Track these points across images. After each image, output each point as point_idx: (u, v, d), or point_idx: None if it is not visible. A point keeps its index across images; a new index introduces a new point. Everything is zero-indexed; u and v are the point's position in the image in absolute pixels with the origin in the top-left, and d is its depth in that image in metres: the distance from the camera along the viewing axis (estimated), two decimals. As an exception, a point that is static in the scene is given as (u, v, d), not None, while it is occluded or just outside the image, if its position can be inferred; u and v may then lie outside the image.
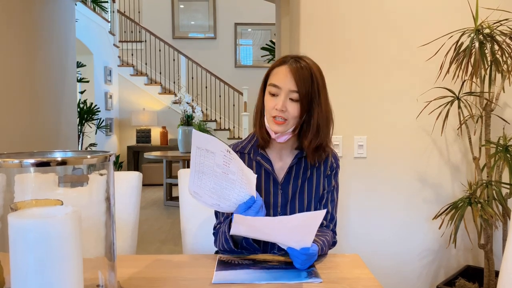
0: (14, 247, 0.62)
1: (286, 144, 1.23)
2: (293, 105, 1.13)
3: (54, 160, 0.69)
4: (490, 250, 1.83)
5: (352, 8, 2.03)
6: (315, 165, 1.25)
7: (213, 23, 8.39)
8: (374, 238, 2.08)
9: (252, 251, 1.18)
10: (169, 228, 4.38)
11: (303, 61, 1.15)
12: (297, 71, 1.12)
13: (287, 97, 1.13)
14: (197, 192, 1.09)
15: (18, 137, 2.83)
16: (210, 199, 1.09)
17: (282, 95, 1.13)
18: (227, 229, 1.16)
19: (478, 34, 1.76)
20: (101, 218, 0.77)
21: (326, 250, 1.18)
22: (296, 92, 1.12)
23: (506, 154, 1.75)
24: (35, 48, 3.09)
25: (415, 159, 2.07)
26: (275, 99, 1.14)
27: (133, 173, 1.51)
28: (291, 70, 1.13)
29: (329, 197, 1.28)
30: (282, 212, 1.22)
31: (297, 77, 1.12)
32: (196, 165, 1.05)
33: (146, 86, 7.60)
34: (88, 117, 5.28)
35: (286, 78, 1.13)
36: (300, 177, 1.24)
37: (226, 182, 1.05)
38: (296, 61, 1.15)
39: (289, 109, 1.13)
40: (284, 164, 1.24)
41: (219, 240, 1.20)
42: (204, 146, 1.02)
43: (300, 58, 1.16)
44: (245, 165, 1.05)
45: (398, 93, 2.04)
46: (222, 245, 1.18)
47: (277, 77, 1.15)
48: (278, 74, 1.15)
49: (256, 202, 1.06)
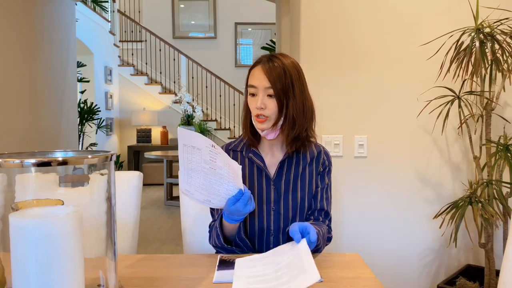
0: (15, 247, 0.62)
1: (276, 140, 1.27)
2: (270, 101, 1.18)
3: (55, 160, 0.69)
4: (490, 249, 1.83)
5: (352, 7, 2.02)
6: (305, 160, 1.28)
7: (213, 23, 8.39)
8: (375, 238, 2.09)
9: (245, 249, 1.20)
10: (169, 228, 4.38)
11: (276, 58, 1.20)
12: (270, 68, 1.18)
13: (265, 95, 1.18)
14: (188, 190, 1.10)
15: (18, 137, 2.83)
16: (201, 195, 1.10)
17: (259, 93, 1.19)
18: (218, 224, 1.19)
19: (479, 33, 1.76)
20: (102, 218, 0.77)
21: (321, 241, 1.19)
22: (271, 88, 1.17)
23: (507, 153, 1.75)
24: (35, 48, 3.09)
25: (415, 159, 2.07)
26: (255, 99, 1.20)
27: (134, 172, 1.51)
28: (263, 68, 1.18)
29: (323, 194, 1.30)
30: (276, 208, 1.24)
31: (270, 74, 1.17)
32: (184, 162, 1.06)
33: (146, 85, 7.60)
34: (89, 117, 5.29)
35: (260, 76, 1.18)
36: (292, 172, 1.26)
37: (214, 177, 1.06)
38: (269, 59, 1.20)
39: (268, 105, 1.18)
40: (275, 160, 1.28)
41: (212, 236, 1.23)
42: (190, 143, 1.03)
43: (274, 56, 1.21)
44: (230, 158, 1.07)
45: (398, 92, 2.04)
46: (214, 241, 1.21)
47: (253, 78, 1.20)
48: (254, 75, 1.20)
49: (244, 195, 1.09)
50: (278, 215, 1.24)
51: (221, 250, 1.22)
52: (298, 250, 1.03)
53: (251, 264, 1.06)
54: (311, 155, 1.29)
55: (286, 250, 1.08)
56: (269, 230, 1.23)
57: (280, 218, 1.24)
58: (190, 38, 8.38)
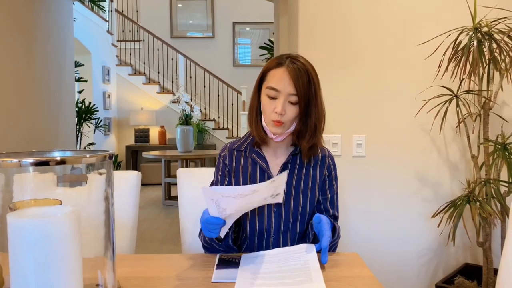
0: (13, 247, 0.62)
1: (282, 142, 1.24)
2: (291, 107, 1.14)
3: (53, 160, 0.69)
4: (488, 248, 1.84)
5: (350, 7, 2.03)
6: (310, 163, 1.27)
7: (211, 22, 8.38)
8: (373, 237, 2.09)
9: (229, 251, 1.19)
10: (168, 228, 4.38)
11: (299, 62, 1.15)
12: (295, 73, 1.12)
13: (286, 100, 1.13)
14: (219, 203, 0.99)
15: (16, 137, 2.82)
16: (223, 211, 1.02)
17: (281, 98, 1.13)
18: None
19: (476, 33, 1.76)
20: (100, 218, 0.77)
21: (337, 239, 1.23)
22: (295, 95, 1.12)
23: (505, 152, 1.76)
24: (33, 48, 3.08)
25: (413, 158, 2.07)
26: (274, 102, 1.14)
27: (132, 172, 1.51)
28: (289, 72, 1.12)
29: (334, 200, 1.30)
30: (277, 209, 1.23)
31: (296, 80, 1.11)
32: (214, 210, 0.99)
33: (144, 85, 7.59)
34: (87, 116, 5.28)
35: (284, 81, 1.12)
36: (295, 175, 1.25)
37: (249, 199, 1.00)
38: (293, 62, 1.14)
39: (287, 112, 1.14)
40: (279, 161, 1.26)
41: (201, 233, 1.22)
42: (216, 198, 0.96)
43: (296, 59, 1.16)
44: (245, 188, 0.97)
45: (396, 91, 2.04)
46: (203, 238, 1.20)
47: (275, 80, 1.14)
48: (276, 77, 1.14)
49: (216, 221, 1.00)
50: (279, 217, 1.22)
51: (208, 248, 1.20)
52: (307, 258, 1.04)
53: (257, 260, 1.07)
54: (315, 158, 1.27)
55: (294, 254, 1.08)
56: (269, 231, 1.22)
57: (281, 220, 1.22)
58: (188, 37, 8.37)
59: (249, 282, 0.94)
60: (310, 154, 1.23)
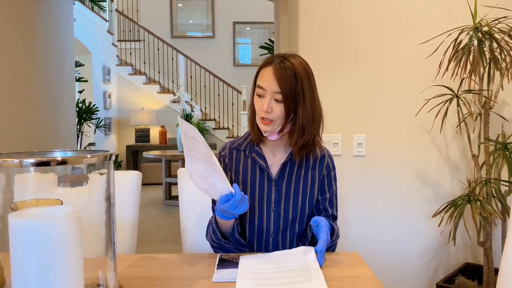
0: (15, 247, 0.62)
1: (280, 141, 1.25)
2: (278, 106, 1.15)
3: (54, 160, 0.69)
4: (489, 248, 1.84)
5: (351, 6, 2.03)
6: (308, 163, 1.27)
7: (211, 22, 8.38)
8: (374, 236, 2.09)
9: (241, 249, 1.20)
10: (168, 227, 4.38)
11: (288, 61, 1.16)
12: (281, 72, 1.13)
13: (272, 98, 1.15)
14: (191, 173, 1.10)
15: (16, 137, 2.82)
16: (201, 183, 1.10)
17: (267, 96, 1.15)
18: (214, 220, 1.19)
19: (477, 32, 1.76)
20: (101, 218, 0.77)
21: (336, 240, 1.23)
22: (279, 93, 1.14)
23: (505, 151, 1.76)
24: (33, 48, 3.08)
25: (414, 157, 2.07)
26: (261, 100, 1.17)
27: (132, 172, 1.51)
28: (274, 71, 1.14)
29: (333, 200, 1.30)
30: (276, 209, 1.23)
31: (280, 78, 1.13)
32: (187, 148, 1.06)
33: (144, 85, 7.59)
34: (87, 116, 5.28)
35: (270, 79, 1.14)
36: (294, 174, 1.25)
37: (212, 170, 1.05)
38: (281, 61, 1.16)
39: (274, 110, 1.15)
40: (278, 160, 1.27)
41: (208, 232, 1.23)
42: (190, 133, 1.03)
43: (286, 58, 1.17)
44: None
45: (397, 91, 2.04)
46: (211, 237, 1.21)
47: (263, 79, 1.17)
48: (263, 76, 1.17)
49: (234, 197, 1.05)
50: (278, 216, 1.23)
51: (217, 247, 1.21)
52: (306, 259, 1.04)
53: (256, 261, 1.07)
54: (314, 158, 1.28)
55: (293, 256, 1.09)
56: (269, 230, 1.23)
57: (280, 219, 1.23)
58: (188, 37, 8.37)
59: (249, 282, 0.94)
60: (301, 154, 1.23)
